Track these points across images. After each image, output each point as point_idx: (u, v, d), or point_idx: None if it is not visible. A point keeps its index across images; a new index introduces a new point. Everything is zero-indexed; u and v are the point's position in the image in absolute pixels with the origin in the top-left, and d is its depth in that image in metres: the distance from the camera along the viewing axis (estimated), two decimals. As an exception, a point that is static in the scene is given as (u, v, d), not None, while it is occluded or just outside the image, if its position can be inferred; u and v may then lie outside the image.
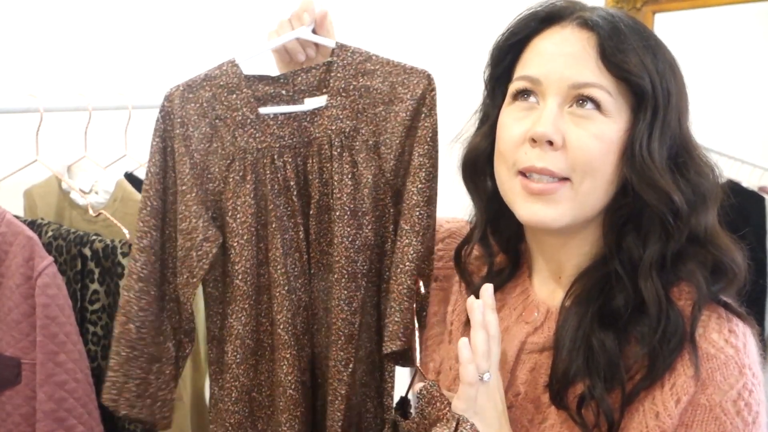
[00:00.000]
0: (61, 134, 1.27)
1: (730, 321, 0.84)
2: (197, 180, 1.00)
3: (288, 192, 1.02)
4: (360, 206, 1.01)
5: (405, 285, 0.99)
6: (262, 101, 1.02)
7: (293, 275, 1.03)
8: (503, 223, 0.96)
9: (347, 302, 1.02)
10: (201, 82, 1.00)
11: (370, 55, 1.02)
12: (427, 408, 0.87)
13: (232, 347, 1.03)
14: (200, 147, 1.00)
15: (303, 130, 1.02)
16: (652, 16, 2.08)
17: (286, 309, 1.02)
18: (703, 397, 0.80)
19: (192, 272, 1.00)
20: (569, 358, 0.85)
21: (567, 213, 0.85)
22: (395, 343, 0.99)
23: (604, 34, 0.83)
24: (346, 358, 1.02)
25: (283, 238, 1.02)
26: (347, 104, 1.02)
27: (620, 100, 0.84)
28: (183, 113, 0.99)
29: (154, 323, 1.01)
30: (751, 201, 1.90)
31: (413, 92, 1.00)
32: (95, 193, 1.35)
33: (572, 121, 0.84)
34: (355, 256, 1.01)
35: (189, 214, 0.99)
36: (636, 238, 0.86)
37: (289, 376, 1.02)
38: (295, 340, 1.03)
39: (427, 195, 1.00)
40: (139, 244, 0.99)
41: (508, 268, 0.99)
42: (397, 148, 1.01)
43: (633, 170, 0.83)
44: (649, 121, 0.83)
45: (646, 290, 0.84)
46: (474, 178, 0.96)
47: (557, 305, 0.92)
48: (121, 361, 0.99)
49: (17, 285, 1.10)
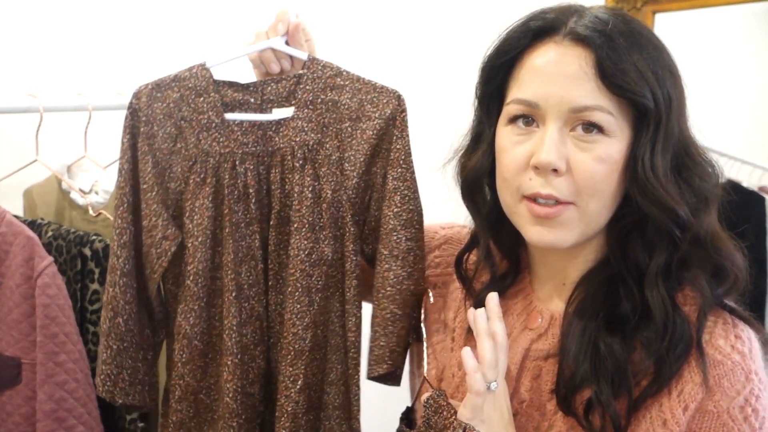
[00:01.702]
0: (61, 134, 1.27)
1: (735, 326, 0.83)
2: (158, 179, 1.00)
3: (247, 199, 1.02)
4: (318, 220, 1.01)
5: (388, 309, 0.99)
6: (230, 107, 1.02)
7: (247, 283, 1.02)
8: (504, 231, 0.95)
9: (299, 317, 1.01)
10: (170, 82, 1.01)
11: (341, 71, 1.02)
12: (433, 417, 0.87)
13: (179, 346, 1.03)
14: (164, 146, 1.00)
15: (267, 139, 1.02)
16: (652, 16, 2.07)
17: (232, 315, 1.01)
18: (710, 403, 0.80)
19: (152, 268, 1.01)
20: (576, 363, 0.84)
21: (574, 234, 0.85)
22: (381, 367, 0.99)
23: (601, 52, 0.80)
24: (295, 374, 1.01)
25: (239, 245, 1.01)
26: (313, 117, 1.01)
27: (621, 117, 0.82)
28: (149, 111, 1.00)
29: (138, 314, 1.02)
30: (751, 201, 1.90)
31: (382, 111, 1.00)
32: (95, 193, 1.35)
33: (575, 145, 0.82)
34: (310, 270, 1.01)
35: (150, 212, 1.00)
36: (641, 246, 0.85)
37: (229, 383, 1.01)
38: (240, 349, 1.02)
39: (404, 218, 1.00)
40: (120, 240, 1.00)
41: (510, 274, 0.97)
42: (361, 165, 1.01)
43: (637, 188, 0.82)
44: (651, 136, 0.82)
45: (652, 299, 0.83)
46: (475, 196, 0.95)
47: (561, 311, 0.91)
48: (113, 354, 1.00)
49: (17, 285, 1.10)
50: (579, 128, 0.82)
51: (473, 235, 1.00)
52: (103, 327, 1.01)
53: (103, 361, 1.01)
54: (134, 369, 1.02)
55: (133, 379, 1.02)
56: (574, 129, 0.83)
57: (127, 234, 1.00)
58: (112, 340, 1.00)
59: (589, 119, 0.81)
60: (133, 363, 1.02)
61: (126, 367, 1.01)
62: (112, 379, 1.01)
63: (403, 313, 1.00)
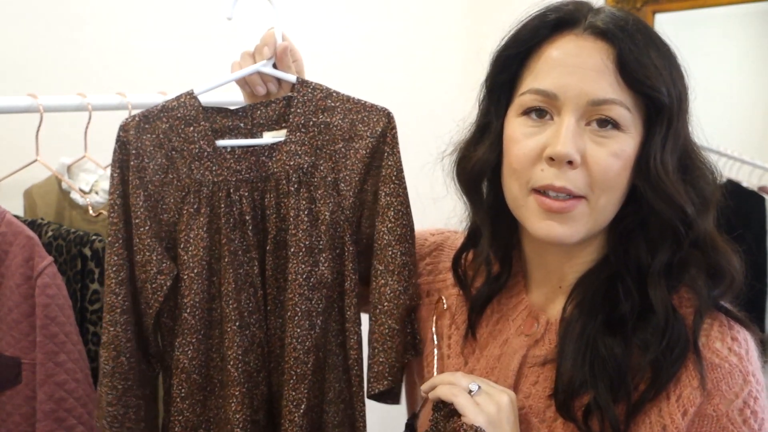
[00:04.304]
0: (61, 134, 1.27)
1: (731, 328, 0.83)
2: (151, 212, 0.99)
3: (244, 226, 1.01)
4: (317, 243, 1.00)
5: (386, 325, 0.99)
6: (220, 134, 1.02)
7: (247, 311, 1.01)
8: (498, 231, 0.94)
9: (300, 341, 1.00)
10: (158, 113, 1.00)
11: (330, 92, 1.02)
12: (442, 421, 0.87)
13: (177, 380, 1.01)
14: (155, 178, 0.99)
15: (261, 165, 1.01)
16: (652, 15, 2.07)
17: (236, 345, 1.00)
18: (709, 407, 0.80)
19: (148, 303, 1.00)
20: (574, 367, 0.84)
21: (582, 229, 0.84)
22: (381, 384, 0.99)
23: (623, 46, 0.80)
24: (298, 399, 1.00)
25: (237, 273, 1.00)
26: (306, 140, 1.01)
27: (636, 114, 0.83)
28: (138, 144, 0.98)
29: (137, 351, 1.01)
30: (751, 201, 1.90)
31: (373, 130, 1.00)
32: (95, 193, 1.35)
33: (591, 140, 0.82)
34: (310, 294, 1.00)
35: (143, 247, 0.99)
36: (645, 245, 0.85)
37: (238, 414, 1.00)
38: (246, 377, 1.01)
39: (398, 233, 1.00)
40: (117, 277, 0.98)
41: (504, 275, 0.97)
42: (356, 185, 1.01)
43: (647, 184, 0.82)
44: (663, 133, 0.82)
45: (655, 297, 0.83)
46: (478, 189, 0.94)
47: (557, 315, 0.91)
48: (118, 394, 0.99)
49: (17, 285, 1.10)
50: (594, 123, 0.82)
51: (470, 234, 0.99)
52: (106, 368, 0.99)
53: (108, 403, 0.98)
54: (138, 407, 1.01)
55: (138, 417, 1.01)
56: (589, 123, 0.82)
57: (124, 270, 0.99)
58: (117, 380, 0.98)
59: (607, 113, 0.81)
60: (137, 401, 1.01)
61: (131, 405, 1.00)
62: (119, 420, 0.99)
63: (400, 327, 1.00)
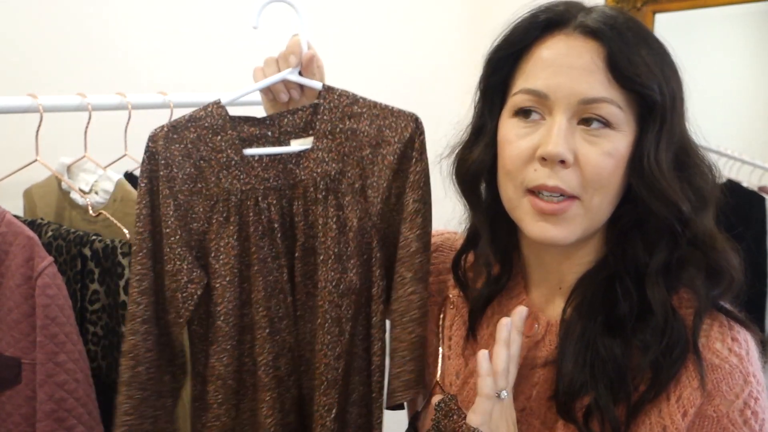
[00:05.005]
0: (61, 134, 1.27)
1: (731, 329, 0.83)
2: (181, 222, 0.99)
3: (272, 234, 1.01)
4: (345, 250, 1.00)
5: (416, 333, 0.99)
6: (248, 142, 1.02)
7: (277, 317, 1.02)
8: (497, 232, 0.94)
9: (330, 347, 1.00)
10: (186, 123, 1.00)
11: (357, 98, 1.02)
12: (443, 421, 0.87)
13: (214, 387, 1.02)
14: (185, 188, 1.00)
15: (288, 173, 1.02)
16: (652, 15, 2.07)
17: (267, 351, 1.01)
18: (710, 408, 0.80)
19: (178, 312, 1.00)
20: (575, 368, 0.84)
21: (577, 229, 0.84)
22: (409, 393, 0.98)
23: (613, 45, 0.81)
24: (329, 403, 1.01)
25: (266, 280, 1.01)
26: (333, 147, 1.01)
27: (629, 111, 0.82)
28: (167, 154, 0.99)
29: (158, 361, 1.01)
30: (751, 201, 1.90)
31: (401, 135, 1.00)
32: (95, 193, 1.34)
33: (583, 138, 0.82)
34: (339, 301, 1.00)
35: (174, 257, 0.99)
36: (642, 244, 0.85)
37: (269, 418, 1.01)
38: (277, 383, 1.02)
39: (425, 241, 1.00)
40: (140, 287, 0.99)
41: (504, 276, 0.97)
42: (384, 191, 1.00)
43: (642, 182, 0.82)
44: (656, 131, 0.82)
45: (653, 297, 0.83)
46: (475, 190, 0.94)
47: (557, 316, 0.91)
48: (135, 404, 0.99)
49: (17, 285, 1.10)
50: (586, 122, 0.82)
51: (470, 236, 0.99)
52: (124, 377, 0.99)
53: (124, 412, 0.98)
54: (155, 418, 1.01)
55: (153, 428, 1.01)
56: (581, 122, 0.82)
57: (147, 280, 0.99)
58: (134, 390, 0.99)
59: (598, 112, 0.81)
60: (154, 411, 1.01)
61: (147, 416, 1.00)
62: (134, 430, 0.99)
63: (426, 335, 1.00)
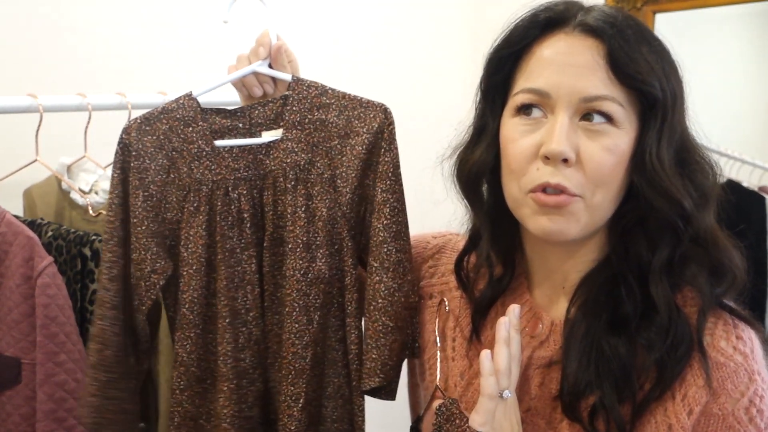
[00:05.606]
0: (61, 134, 1.27)
1: (736, 327, 0.83)
2: (150, 212, 1.01)
3: (242, 224, 1.02)
4: (314, 239, 1.01)
5: (380, 322, 0.99)
6: (219, 134, 1.04)
7: (243, 308, 1.03)
8: (500, 232, 0.94)
9: (298, 336, 1.01)
10: (158, 114, 1.02)
11: (326, 89, 1.03)
12: (445, 425, 0.87)
13: (177, 373, 1.03)
14: (157, 179, 1.02)
15: (258, 163, 1.03)
16: (652, 15, 2.07)
17: (226, 341, 1.02)
18: (715, 406, 0.80)
19: (141, 300, 1.02)
20: (579, 368, 0.84)
21: (579, 225, 0.84)
22: (373, 380, 0.99)
23: (613, 42, 0.81)
24: (297, 393, 1.01)
25: (233, 271, 1.02)
26: (302, 137, 1.02)
27: (630, 109, 0.82)
28: (139, 146, 1.01)
29: (124, 345, 1.03)
30: (751, 201, 1.90)
31: (369, 126, 1.01)
32: (95, 193, 1.34)
33: (585, 135, 0.82)
34: (307, 290, 1.01)
35: (139, 246, 1.01)
36: (644, 242, 0.85)
37: (225, 409, 1.01)
38: (237, 374, 1.02)
39: (394, 230, 1.00)
40: (110, 273, 1.01)
41: (506, 276, 0.96)
42: (353, 181, 1.01)
43: (644, 179, 0.82)
44: (658, 128, 0.82)
45: (657, 295, 0.83)
46: (477, 190, 0.94)
47: (561, 316, 0.90)
48: (100, 385, 1.01)
49: (17, 285, 1.10)
50: (588, 118, 0.82)
51: (472, 237, 0.99)
52: (91, 360, 1.01)
53: (90, 393, 1.01)
54: (120, 399, 1.03)
55: (118, 408, 1.03)
56: (583, 119, 0.82)
57: (117, 267, 1.01)
58: (100, 372, 1.00)
59: (599, 109, 0.81)
60: (119, 393, 1.03)
61: (112, 397, 1.02)
62: (99, 410, 1.01)
63: (395, 325, 1.00)
